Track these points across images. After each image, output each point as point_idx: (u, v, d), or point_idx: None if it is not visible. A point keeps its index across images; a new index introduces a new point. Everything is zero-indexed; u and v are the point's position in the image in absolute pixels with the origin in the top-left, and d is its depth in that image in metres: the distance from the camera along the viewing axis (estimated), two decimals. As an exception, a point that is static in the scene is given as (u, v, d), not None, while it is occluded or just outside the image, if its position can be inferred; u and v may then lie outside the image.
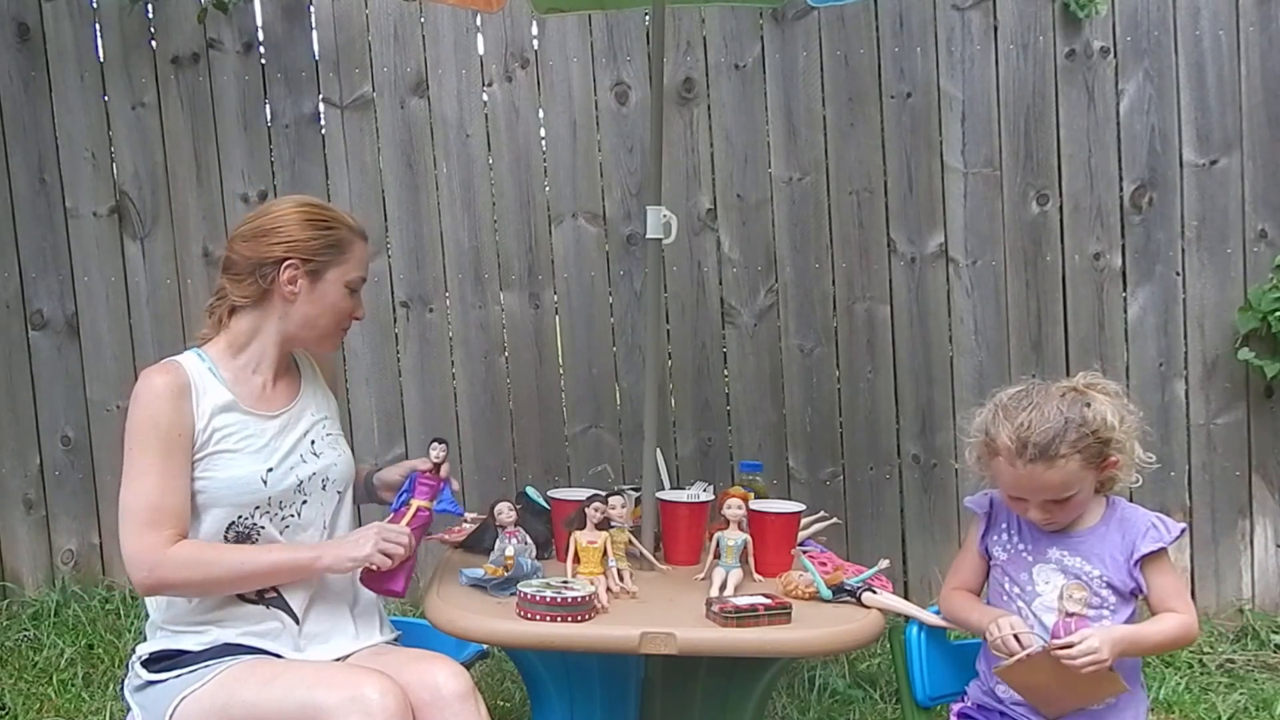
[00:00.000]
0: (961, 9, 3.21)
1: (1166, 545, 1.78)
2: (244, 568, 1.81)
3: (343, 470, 2.00)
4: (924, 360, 3.28)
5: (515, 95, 3.30)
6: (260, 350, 1.94)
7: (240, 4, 3.29)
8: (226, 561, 1.81)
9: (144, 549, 1.77)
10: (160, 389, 1.81)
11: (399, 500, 1.99)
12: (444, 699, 1.70)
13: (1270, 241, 3.20)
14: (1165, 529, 1.80)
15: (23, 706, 2.84)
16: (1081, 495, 1.78)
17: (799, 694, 2.91)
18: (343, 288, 1.95)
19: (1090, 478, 1.78)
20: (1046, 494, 1.76)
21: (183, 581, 1.79)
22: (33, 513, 3.44)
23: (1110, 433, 1.77)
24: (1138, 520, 1.81)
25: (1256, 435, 3.24)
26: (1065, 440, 1.73)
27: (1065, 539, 1.83)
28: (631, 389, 3.31)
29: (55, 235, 3.37)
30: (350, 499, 2.05)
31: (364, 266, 1.99)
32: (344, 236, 1.95)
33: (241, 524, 1.85)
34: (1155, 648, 1.85)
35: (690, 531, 2.24)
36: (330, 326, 1.97)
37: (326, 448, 1.98)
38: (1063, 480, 1.75)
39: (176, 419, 1.81)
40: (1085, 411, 1.75)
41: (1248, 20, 3.17)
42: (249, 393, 1.91)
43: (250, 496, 1.85)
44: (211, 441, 1.84)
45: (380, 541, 1.82)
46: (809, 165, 3.27)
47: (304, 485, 1.92)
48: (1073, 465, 1.74)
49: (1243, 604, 3.27)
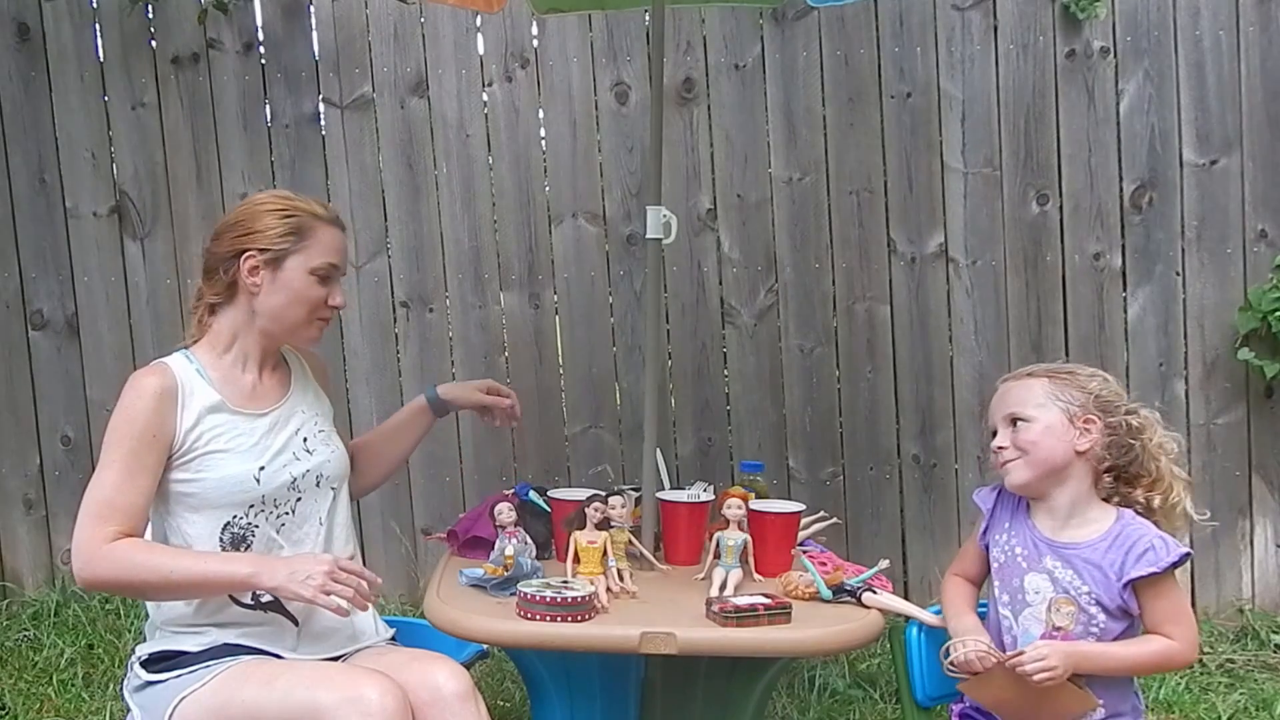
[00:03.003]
0: (961, 9, 3.21)
1: (1158, 571, 1.71)
2: (173, 575, 1.73)
3: (336, 467, 2.00)
4: (924, 360, 3.28)
5: (515, 95, 3.30)
6: (243, 347, 1.93)
7: (240, 4, 3.29)
8: (155, 564, 1.74)
9: (83, 540, 1.75)
10: (145, 390, 1.82)
11: None
12: (444, 699, 1.70)
13: (1270, 241, 3.20)
14: (1164, 551, 1.72)
15: (23, 706, 2.84)
16: (1037, 428, 1.79)
17: (799, 694, 2.91)
18: (307, 275, 1.90)
19: (1053, 418, 1.79)
20: (1007, 408, 1.83)
21: (113, 579, 1.76)
22: (33, 513, 3.44)
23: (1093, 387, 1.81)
24: (1138, 540, 1.74)
25: (1256, 435, 3.24)
26: (1041, 369, 1.87)
27: (1063, 548, 1.79)
28: (631, 389, 3.31)
29: (55, 235, 3.37)
30: (346, 495, 2.05)
31: (333, 253, 1.93)
32: (304, 223, 1.91)
33: (236, 525, 1.85)
34: (1129, 669, 1.76)
35: (690, 531, 2.24)
36: (301, 317, 1.92)
37: (319, 444, 1.98)
38: (1021, 394, 1.83)
39: (155, 421, 1.80)
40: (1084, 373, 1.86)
41: (1248, 20, 3.17)
42: (237, 391, 1.91)
43: (243, 495, 1.85)
44: (201, 443, 1.84)
45: (328, 583, 1.70)
46: (809, 165, 3.27)
47: (297, 482, 1.92)
48: (1035, 385, 1.83)
49: (1243, 604, 3.27)
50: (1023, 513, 1.87)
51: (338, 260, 1.94)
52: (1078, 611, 1.74)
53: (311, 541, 1.94)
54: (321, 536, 1.95)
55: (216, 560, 1.79)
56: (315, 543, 1.94)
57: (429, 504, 3.35)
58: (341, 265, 1.96)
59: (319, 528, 1.95)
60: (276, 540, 1.89)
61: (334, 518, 1.99)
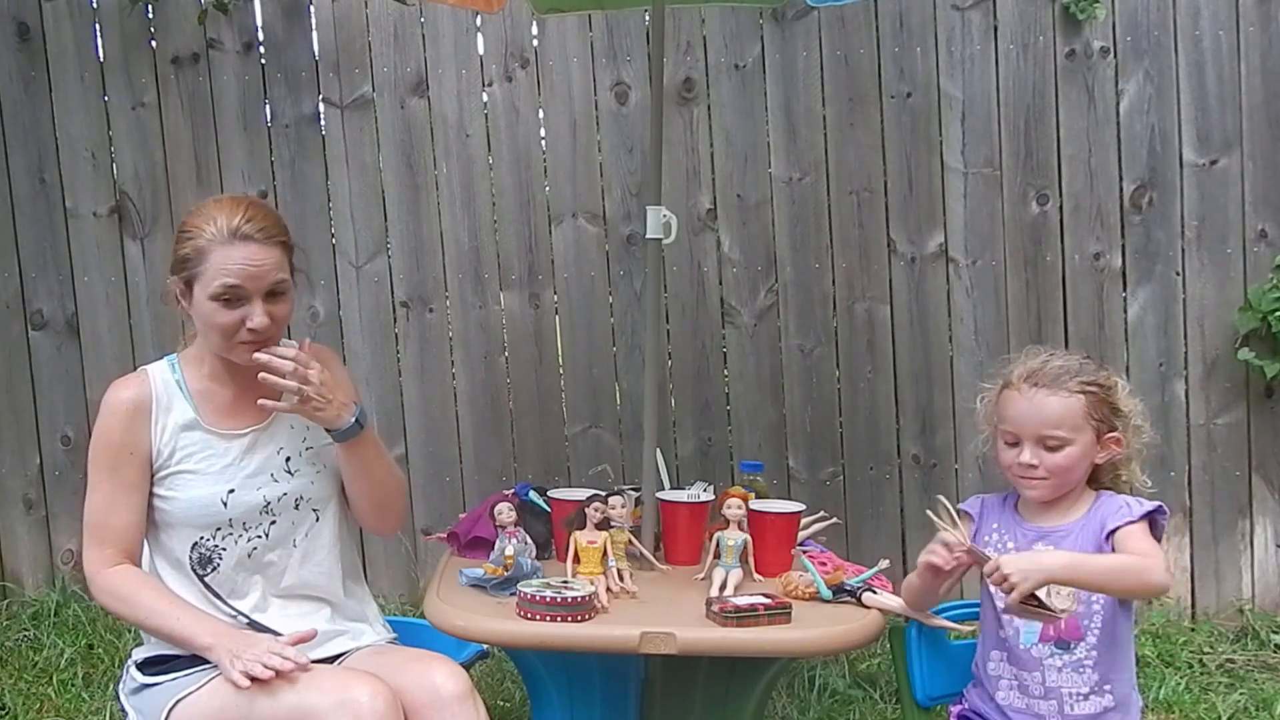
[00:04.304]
0: (961, 9, 3.21)
1: (1133, 519, 1.75)
2: (150, 620, 1.79)
3: (321, 488, 1.91)
4: (924, 360, 3.28)
5: (515, 95, 3.30)
6: (213, 362, 1.87)
7: (240, 4, 3.29)
8: (136, 607, 1.79)
9: (86, 563, 1.83)
10: (116, 405, 1.82)
11: None
12: (442, 700, 1.70)
13: (1270, 241, 3.20)
14: (1137, 506, 1.77)
15: (23, 706, 2.84)
16: (1074, 453, 1.77)
17: (799, 694, 2.91)
18: (208, 301, 1.76)
19: (1087, 439, 1.78)
20: (1043, 427, 1.77)
21: (108, 607, 1.84)
22: (33, 513, 3.43)
23: (1118, 400, 1.80)
24: (1114, 503, 1.80)
25: (1256, 435, 3.24)
26: (1075, 378, 1.79)
27: (1050, 532, 1.81)
28: (631, 389, 3.31)
29: (55, 235, 3.37)
30: (335, 516, 1.94)
31: (232, 274, 1.74)
32: (201, 246, 1.76)
33: (203, 546, 1.84)
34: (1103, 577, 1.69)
35: (690, 531, 2.24)
36: (221, 343, 1.80)
37: (304, 464, 1.90)
38: (1061, 414, 1.76)
39: (128, 438, 1.81)
40: (1100, 371, 1.83)
41: (1248, 20, 3.17)
42: (215, 408, 1.86)
43: (209, 518, 1.83)
44: (174, 460, 1.83)
45: (248, 663, 1.65)
46: (809, 165, 3.27)
47: (271, 506, 1.86)
48: (1075, 404, 1.77)
49: (1243, 604, 3.27)
50: (1009, 509, 1.89)
51: (239, 280, 1.75)
52: (1075, 590, 1.75)
53: (283, 565, 1.88)
54: (294, 560, 1.89)
55: (188, 620, 1.77)
56: (288, 566, 1.88)
57: (429, 504, 3.35)
58: (249, 284, 1.76)
59: (292, 551, 1.88)
60: (246, 564, 1.85)
61: (316, 541, 1.91)
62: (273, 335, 1.82)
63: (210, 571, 1.84)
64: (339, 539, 1.95)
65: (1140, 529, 1.76)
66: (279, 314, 1.81)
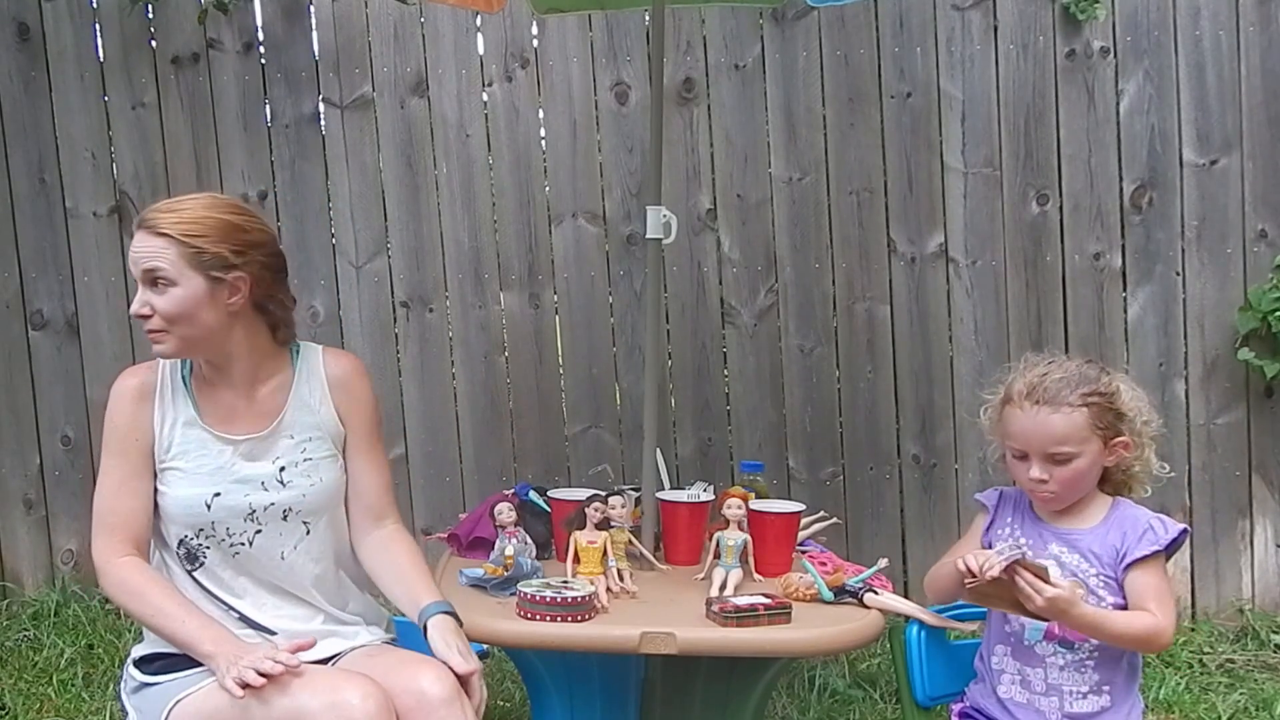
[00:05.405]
0: (961, 9, 3.21)
1: (1160, 549, 1.75)
2: (155, 619, 1.77)
3: (315, 501, 1.87)
4: (924, 360, 3.28)
5: (515, 95, 3.30)
6: (222, 365, 1.87)
7: (240, 4, 3.29)
8: (148, 602, 1.77)
9: (95, 551, 1.82)
10: (124, 390, 1.85)
11: None
12: (429, 703, 1.68)
13: (1270, 241, 3.20)
14: (1163, 530, 1.77)
15: (23, 706, 2.84)
16: (1082, 464, 1.77)
17: (799, 694, 2.91)
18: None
19: (1095, 449, 1.78)
20: (1049, 444, 1.76)
21: (114, 599, 1.82)
22: (33, 513, 3.43)
23: (1121, 405, 1.79)
24: (1138, 521, 1.79)
25: (1256, 435, 3.24)
26: (1076, 390, 1.77)
27: (1066, 535, 1.82)
28: (631, 389, 3.31)
29: (55, 235, 3.37)
30: (327, 528, 1.90)
31: (133, 261, 1.78)
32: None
33: (189, 543, 1.84)
34: (1115, 638, 1.75)
35: (690, 531, 2.24)
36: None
37: (299, 476, 1.86)
38: (1066, 430, 1.75)
39: (133, 425, 1.82)
40: (1101, 376, 1.80)
41: (1248, 20, 3.17)
42: (215, 410, 1.86)
43: (193, 519, 1.82)
44: (171, 454, 1.83)
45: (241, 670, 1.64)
46: (809, 165, 3.27)
47: (257, 514, 1.83)
48: (1078, 418, 1.76)
49: (1243, 604, 3.27)
50: (1025, 506, 1.89)
51: (134, 268, 1.79)
52: (1086, 594, 1.75)
53: (270, 573, 1.85)
54: (280, 573, 1.85)
55: (193, 624, 1.76)
56: (276, 575, 1.86)
57: (429, 504, 3.35)
58: (133, 269, 1.79)
59: (279, 563, 1.85)
60: (232, 563, 1.84)
61: (305, 555, 1.87)
62: (162, 329, 1.78)
63: (197, 567, 1.85)
64: (333, 551, 1.92)
65: (1157, 569, 1.76)
66: (159, 305, 1.76)
